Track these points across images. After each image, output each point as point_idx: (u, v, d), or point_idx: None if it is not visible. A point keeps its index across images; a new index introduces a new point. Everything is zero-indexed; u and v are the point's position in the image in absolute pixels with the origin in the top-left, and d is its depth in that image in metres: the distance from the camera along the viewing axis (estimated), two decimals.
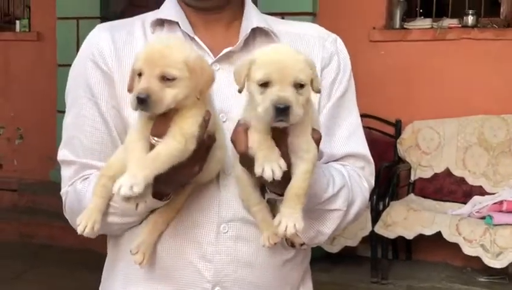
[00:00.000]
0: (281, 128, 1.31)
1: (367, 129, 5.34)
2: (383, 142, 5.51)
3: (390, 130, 5.52)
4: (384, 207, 4.88)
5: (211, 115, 1.35)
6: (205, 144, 1.36)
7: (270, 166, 1.28)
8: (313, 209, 1.49)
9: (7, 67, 7.17)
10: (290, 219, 1.33)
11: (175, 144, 1.30)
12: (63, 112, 6.26)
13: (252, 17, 1.59)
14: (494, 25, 5.45)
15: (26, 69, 7.04)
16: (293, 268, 1.65)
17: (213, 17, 1.57)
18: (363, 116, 5.69)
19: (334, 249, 5.04)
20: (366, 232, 4.91)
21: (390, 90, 5.62)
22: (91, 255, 5.00)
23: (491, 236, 4.45)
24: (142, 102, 1.27)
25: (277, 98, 1.26)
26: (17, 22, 7.21)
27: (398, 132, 5.48)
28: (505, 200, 4.65)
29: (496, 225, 4.47)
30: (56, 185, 6.50)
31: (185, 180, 1.42)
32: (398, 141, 5.42)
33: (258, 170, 1.28)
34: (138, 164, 1.29)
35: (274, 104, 1.25)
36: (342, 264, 5.17)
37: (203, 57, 1.38)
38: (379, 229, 4.81)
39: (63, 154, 1.60)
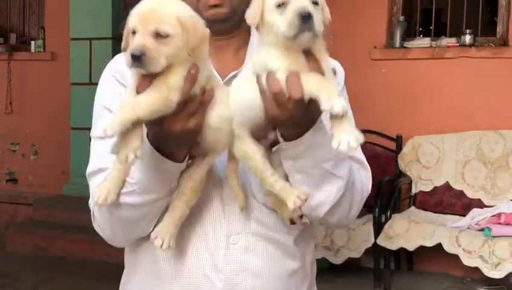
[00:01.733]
0: (309, 56, 1.31)
1: (369, 144, 5.37)
2: (385, 156, 5.52)
3: (392, 145, 5.53)
4: (386, 220, 4.88)
5: (198, 68, 1.31)
6: (197, 98, 1.33)
7: (339, 102, 1.24)
8: (319, 165, 1.46)
9: (23, 85, 7.21)
10: (349, 135, 1.27)
11: (156, 94, 1.26)
12: (77, 128, 6.32)
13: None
14: (491, 44, 5.47)
15: (41, 87, 7.09)
16: (299, 279, 1.67)
17: (223, 43, 1.61)
18: (365, 131, 5.68)
19: (338, 260, 5.05)
20: (369, 244, 4.92)
21: (392, 106, 5.63)
22: (106, 266, 5.03)
23: (489, 247, 4.45)
24: (137, 59, 1.24)
25: (299, 7, 1.25)
26: (32, 42, 7.26)
27: (399, 147, 5.49)
28: (503, 213, 4.66)
29: (495, 236, 4.48)
30: (70, 199, 6.51)
31: (185, 138, 1.37)
32: (399, 155, 5.44)
33: (337, 108, 1.24)
34: (118, 111, 1.26)
35: (298, 13, 1.25)
36: (346, 276, 5.17)
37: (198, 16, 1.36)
38: (381, 241, 4.81)
39: (91, 166, 1.59)
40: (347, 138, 1.27)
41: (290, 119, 1.33)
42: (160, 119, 1.30)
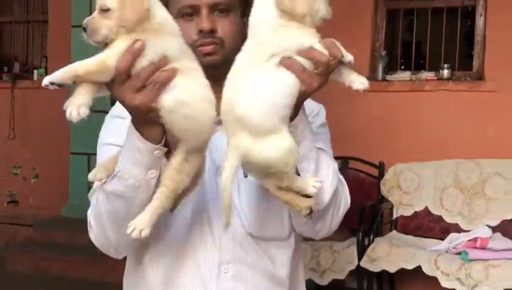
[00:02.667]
0: None
1: (353, 171, 5.38)
2: (368, 182, 5.52)
3: (375, 171, 5.54)
4: (369, 243, 4.86)
5: (142, 43, 1.30)
6: (143, 74, 1.29)
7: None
8: (314, 147, 1.48)
9: (25, 112, 7.21)
10: (361, 77, 1.42)
11: (98, 56, 1.31)
12: (76, 153, 6.27)
13: None
14: (467, 78, 5.51)
15: (43, 114, 7.08)
16: None
17: (219, 89, 1.60)
18: (349, 158, 5.66)
19: (324, 281, 5.02)
20: (353, 266, 4.90)
21: (375, 135, 5.65)
22: (104, 287, 4.97)
23: (466, 270, 4.44)
24: (84, 30, 1.32)
25: None
26: (35, 71, 7.26)
27: (382, 174, 5.50)
28: (479, 237, 4.66)
29: (471, 260, 4.47)
30: (68, 220, 6.43)
31: (136, 114, 1.35)
32: (381, 181, 5.44)
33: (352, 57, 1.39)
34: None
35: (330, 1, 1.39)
36: None
37: None
38: (365, 264, 4.79)
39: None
40: (362, 79, 1.41)
41: (323, 85, 1.39)
42: (109, 86, 1.31)
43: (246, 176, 1.60)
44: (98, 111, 5.90)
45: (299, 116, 1.40)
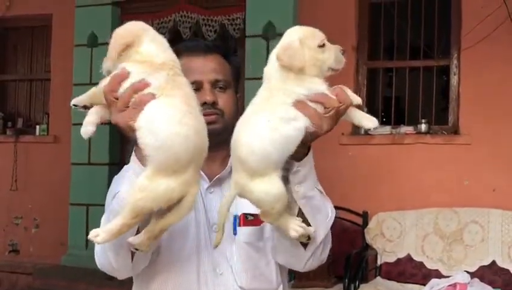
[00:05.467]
0: None
1: (339, 219, 5.35)
2: (353, 231, 5.50)
3: (359, 220, 5.52)
4: (355, 289, 4.81)
5: (117, 73, 1.38)
6: (123, 98, 1.36)
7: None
8: (315, 188, 1.52)
9: (27, 165, 7.18)
10: (371, 117, 1.45)
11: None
12: (75, 204, 6.22)
13: None
14: (444, 132, 5.56)
15: (44, 167, 7.06)
16: None
17: (214, 154, 1.66)
18: (335, 208, 5.62)
19: None
20: None
21: (358, 186, 5.65)
22: None
23: None
24: None
25: (337, 47, 1.41)
26: (37, 126, 7.26)
27: (366, 222, 5.48)
28: (458, 283, 4.63)
29: None
30: (67, 269, 6.35)
31: (124, 132, 1.39)
32: (365, 230, 5.42)
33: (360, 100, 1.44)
34: None
35: (341, 49, 1.41)
36: None
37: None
38: None
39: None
40: (371, 118, 1.43)
41: (332, 128, 1.42)
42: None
43: (235, 234, 1.66)
44: (96, 164, 5.94)
45: (308, 156, 1.45)
